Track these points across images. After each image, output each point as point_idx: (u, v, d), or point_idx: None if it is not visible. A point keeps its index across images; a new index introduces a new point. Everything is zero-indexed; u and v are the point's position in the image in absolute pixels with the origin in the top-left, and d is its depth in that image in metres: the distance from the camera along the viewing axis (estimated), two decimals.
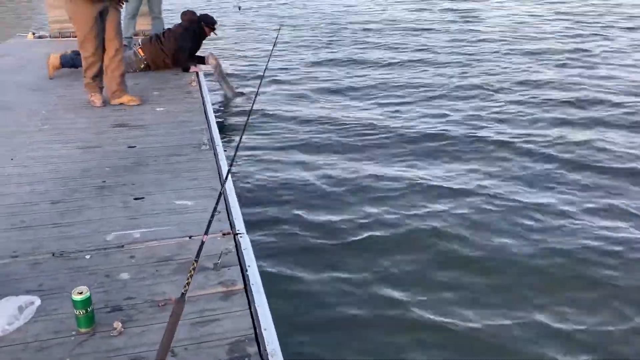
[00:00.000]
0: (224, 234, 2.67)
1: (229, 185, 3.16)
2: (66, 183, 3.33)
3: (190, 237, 2.66)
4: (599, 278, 3.50)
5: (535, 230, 4.01)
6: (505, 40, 9.99)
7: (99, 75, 4.82)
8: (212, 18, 6.28)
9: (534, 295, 3.34)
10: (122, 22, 5.07)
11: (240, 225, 2.75)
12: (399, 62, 8.73)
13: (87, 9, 4.45)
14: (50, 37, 7.91)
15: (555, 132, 5.80)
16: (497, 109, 6.55)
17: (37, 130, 4.25)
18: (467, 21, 12.00)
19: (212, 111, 4.77)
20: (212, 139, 4.08)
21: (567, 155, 5.22)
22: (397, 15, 13.11)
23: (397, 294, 3.34)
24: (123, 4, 4.72)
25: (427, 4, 14.41)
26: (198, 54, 6.39)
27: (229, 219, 2.82)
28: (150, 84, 5.56)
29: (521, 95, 7.01)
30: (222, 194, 2.44)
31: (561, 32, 10.68)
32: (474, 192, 4.59)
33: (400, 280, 3.48)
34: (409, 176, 4.86)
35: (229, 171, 2.55)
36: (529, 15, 12.57)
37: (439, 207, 4.36)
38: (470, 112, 6.43)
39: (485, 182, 4.77)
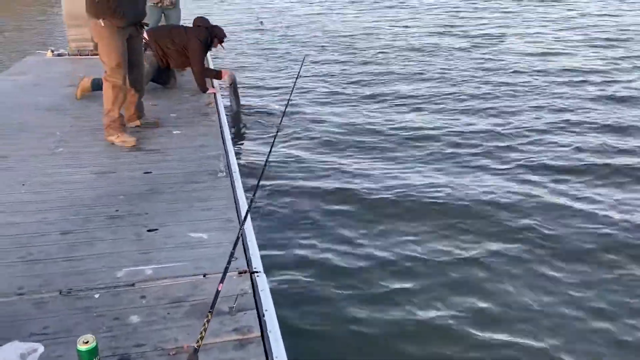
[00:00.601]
0: (240, 273, 2.51)
1: (247, 220, 3.01)
2: (78, 211, 3.21)
3: (204, 276, 2.52)
4: None
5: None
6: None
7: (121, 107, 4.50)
8: (223, 31, 6.12)
9: None
10: None
11: (257, 263, 2.59)
12: (426, 96, 8.42)
13: (120, 34, 4.20)
14: (68, 55, 7.89)
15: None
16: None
17: (50, 153, 4.16)
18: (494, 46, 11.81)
19: (229, 136, 4.65)
20: (229, 166, 3.95)
21: None
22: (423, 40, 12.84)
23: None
24: (144, 28, 4.60)
25: (453, 29, 14.22)
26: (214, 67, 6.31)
27: (245, 256, 2.67)
28: (167, 105, 5.47)
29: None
30: (239, 237, 2.28)
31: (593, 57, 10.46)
32: (513, 211, 4.49)
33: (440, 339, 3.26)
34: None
35: (248, 211, 2.40)
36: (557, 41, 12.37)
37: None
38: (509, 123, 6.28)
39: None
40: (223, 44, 6.16)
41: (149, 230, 2.99)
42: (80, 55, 7.72)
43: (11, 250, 2.77)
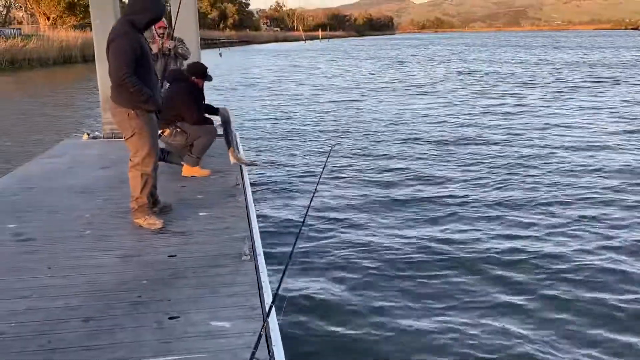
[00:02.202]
0: None
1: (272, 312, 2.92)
2: (101, 297, 3.18)
3: None
4: None
5: None
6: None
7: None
8: (200, 67, 5.90)
9: None
10: None
11: (280, 356, 2.49)
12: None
13: (151, 120, 4.31)
14: (103, 137, 8.19)
15: None
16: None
17: (78, 236, 4.20)
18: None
19: (255, 217, 4.64)
20: (254, 248, 3.91)
21: None
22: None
23: None
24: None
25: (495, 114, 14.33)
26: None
27: (268, 348, 2.57)
28: (195, 187, 5.55)
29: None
30: (261, 336, 2.18)
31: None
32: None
33: None
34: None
35: (271, 305, 2.32)
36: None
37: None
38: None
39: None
40: (207, 78, 5.92)
41: (170, 318, 2.93)
42: (114, 138, 7.99)
43: (31, 339, 2.73)
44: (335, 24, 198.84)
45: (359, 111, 16.01)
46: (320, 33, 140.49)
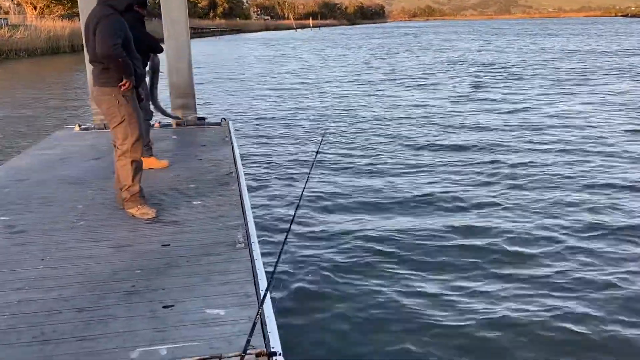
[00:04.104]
0: (257, 355, 2.40)
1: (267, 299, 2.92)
2: (94, 288, 3.16)
3: (220, 359, 2.41)
4: None
5: None
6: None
7: None
8: None
9: None
10: None
11: (276, 343, 2.48)
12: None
13: (137, 106, 4.36)
14: (95, 128, 8.12)
15: None
16: None
17: (71, 227, 4.17)
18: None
19: (249, 205, 4.63)
20: (248, 236, 3.90)
21: None
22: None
23: None
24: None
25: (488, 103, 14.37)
26: None
27: (264, 336, 2.56)
28: (188, 176, 5.52)
29: None
30: (257, 320, 2.18)
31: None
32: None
33: None
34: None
35: (267, 290, 2.32)
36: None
37: None
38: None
39: None
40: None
41: (164, 307, 2.92)
42: (105, 129, 7.92)
43: (25, 330, 2.71)
44: (326, 12, 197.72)
45: (350, 100, 15.99)
46: (311, 22, 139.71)
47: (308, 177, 4.42)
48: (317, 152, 4.89)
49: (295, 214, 3.50)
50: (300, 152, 9.59)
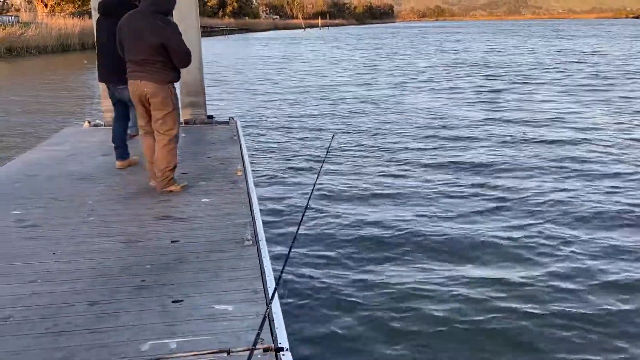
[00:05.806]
0: (265, 350, 2.44)
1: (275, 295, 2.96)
2: (106, 282, 3.22)
3: (228, 354, 2.45)
4: None
5: None
6: None
7: None
8: None
9: None
10: None
11: (283, 339, 2.52)
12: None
13: None
14: (104, 125, 8.19)
15: None
16: None
17: (81, 222, 4.23)
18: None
19: (257, 203, 4.67)
20: (256, 234, 3.94)
21: None
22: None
23: None
24: None
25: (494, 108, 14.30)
26: None
27: (271, 332, 2.60)
28: (197, 174, 5.57)
29: None
30: (264, 319, 2.22)
31: None
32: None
33: None
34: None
35: (275, 289, 2.36)
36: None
37: None
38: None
39: None
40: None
41: (174, 302, 2.97)
42: None
43: (38, 322, 2.77)
44: (335, 12, 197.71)
45: (361, 99, 16.01)
46: (319, 21, 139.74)
47: (318, 175, 4.47)
48: (328, 150, 4.93)
49: (304, 212, 3.53)
50: (308, 152, 9.62)
